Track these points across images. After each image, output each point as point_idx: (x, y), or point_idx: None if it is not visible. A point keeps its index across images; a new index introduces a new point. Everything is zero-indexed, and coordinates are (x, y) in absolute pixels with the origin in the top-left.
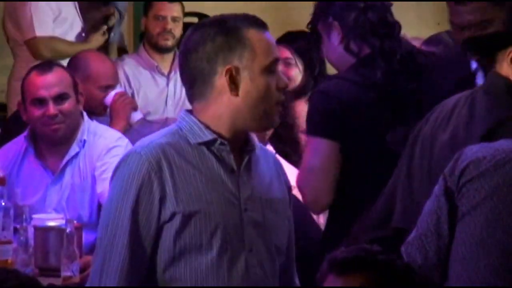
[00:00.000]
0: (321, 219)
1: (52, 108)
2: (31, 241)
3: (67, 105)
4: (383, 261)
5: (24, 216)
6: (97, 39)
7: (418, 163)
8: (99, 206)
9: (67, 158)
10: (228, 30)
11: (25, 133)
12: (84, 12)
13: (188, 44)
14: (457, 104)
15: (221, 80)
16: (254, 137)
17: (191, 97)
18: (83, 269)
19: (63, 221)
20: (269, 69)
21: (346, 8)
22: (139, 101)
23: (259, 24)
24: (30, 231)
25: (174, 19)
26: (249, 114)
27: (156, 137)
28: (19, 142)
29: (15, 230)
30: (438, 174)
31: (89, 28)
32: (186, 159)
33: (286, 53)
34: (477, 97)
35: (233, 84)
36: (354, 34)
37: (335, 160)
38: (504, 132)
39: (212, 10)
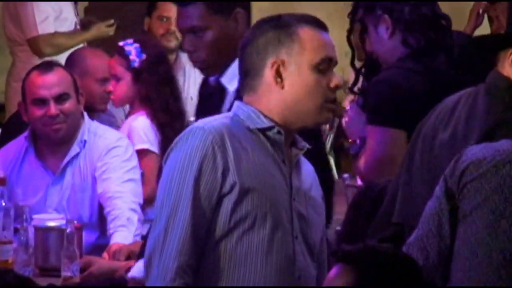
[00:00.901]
0: None
1: (53, 108)
2: (32, 241)
3: (68, 105)
4: (383, 254)
5: (24, 216)
6: (98, 28)
7: (418, 160)
8: (100, 206)
9: (67, 158)
10: (281, 25)
11: (25, 134)
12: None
13: (245, 38)
14: (459, 102)
15: (269, 73)
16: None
17: (243, 90)
18: (83, 269)
19: (64, 221)
20: (318, 66)
21: (397, 2)
22: None
23: (316, 24)
24: (31, 231)
25: None
26: (297, 108)
27: (217, 117)
28: (20, 142)
29: (16, 230)
30: (437, 173)
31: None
32: (246, 140)
33: None
34: (478, 97)
35: (279, 77)
36: (411, 28)
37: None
38: (502, 133)
39: None
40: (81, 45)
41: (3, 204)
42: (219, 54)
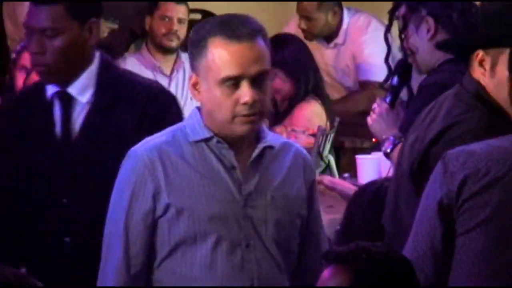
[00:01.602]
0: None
1: None
2: None
3: None
4: (377, 254)
5: None
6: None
7: (397, 162)
8: None
9: None
10: (195, 38)
11: None
12: None
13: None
14: (435, 105)
15: (191, 86)
16: (270, 135)
17: None
18: None
19: None
20: (225, 82)
21: (446, 7)
22: None
23: (232, 35)
24: None
25: (180, 21)
26: (212, 121)
27: (157, 136)
28: None
29: None
30: (403, 175)
31: None
32: (183, 157)
33: None
34: (447, 99)
35: (196, 90)
36: (456, 34)
37: None
38: (454, 133)
39: (213, 8)
40: None
41: None
42: (66, 62)
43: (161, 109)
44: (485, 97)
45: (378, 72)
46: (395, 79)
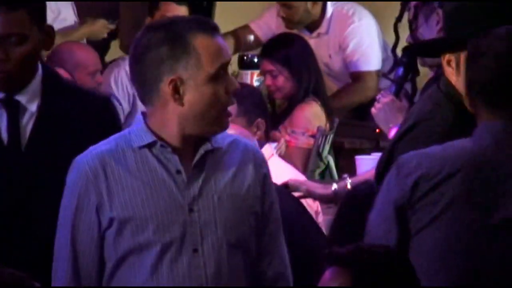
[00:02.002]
0: (320, 219)
1: None
2: None
3: None
4: (377, 255)
5: None
6: (92, 25)
7: None
8: None
9: None
10: (175, 38)
11: None
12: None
13: (136, 48)
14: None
15: (166, 89)
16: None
17: (142, 101)
18: None
19: None
20: (216, 76)
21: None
22: (140, 102)
23: (208, 28)
24: None
25: None
26: (197, 121)
27: (101, 144)
28: None
29: None
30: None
31: None
32: (126, 165)
33: (269, 65)
34: (421, 99)
35: (177, 94)
36: None
37: None
38: (414, 133)
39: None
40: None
41: None
42: (27, 69)
43: (111, 118)
44: (454, 96)
45: (369, 62)
46: (400, 70)
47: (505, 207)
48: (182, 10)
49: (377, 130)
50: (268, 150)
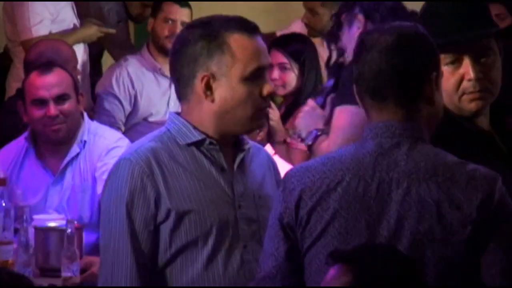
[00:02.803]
0: None
1: (52, 109)
2: (32, 242)
3: (67, 106)
4: (382, 253)
5: (24, 217)
6: (90, 27)
7: None
8: (100, 206)
9: (67, 158)
10: (211, 34)
11: (25, 134)
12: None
13: (175, 44)
14: None
15: (199, 85)
16: (246, 137)
17: (179, 97)
18: (83, 270)
19: (64, 222)
20: (250, 77)
21: (375, 5)
22: (141, 102)
23: (247, 28)
24: (31, 231)
25: (183, 24)
26: (228, 119)
27: (144, 141)
28: (20, 142)
29: (16, 231)
30: None
31: None
32: (177, 161)
33: (281, 58)
34: None
35: (209, 90)
36: None
37: None
38: None
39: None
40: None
41: (4, 204)
42: None
43: None
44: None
45: None
46: (330, 82)
47: (389, 216)
48: (185, 12)
49: (287, 140)
50: (269, 150)
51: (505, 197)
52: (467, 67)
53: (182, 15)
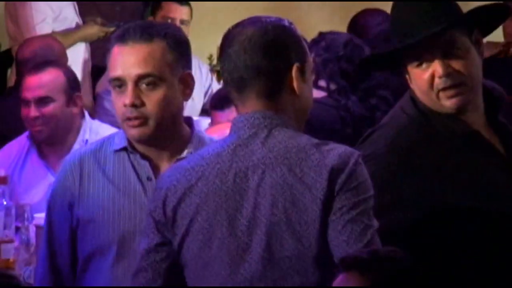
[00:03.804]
0: None
1: (32, 111)
2: (33, 240)
3: (49, 108)
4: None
5: (25, 215)
6: (92, 26)
7: None
8: None
9: None
10: None
11: (27, 133)
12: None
13: None
14: None
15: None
16: (195, 140)
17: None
18: None
19: None
20: (112, 85)
21: (325, 49)
22: None
23: (121, 38)
24: (32, 230)
25: (183, 22)
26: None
27: (92, 143)
28: (22, 141)
29: (17, 229)
30: None
31: None
32: (103, 168)
33: None
34: None
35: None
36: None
37: None
38: (370, 138)
39: (213, 9)
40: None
41: (5, 203)
42: None
43: None
44: (416, 102)
45: None
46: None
47: (247, 204)
48: (184, 11)
49: None
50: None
51: (358, 173)
52: (435, 65)
53: (181, 13)
